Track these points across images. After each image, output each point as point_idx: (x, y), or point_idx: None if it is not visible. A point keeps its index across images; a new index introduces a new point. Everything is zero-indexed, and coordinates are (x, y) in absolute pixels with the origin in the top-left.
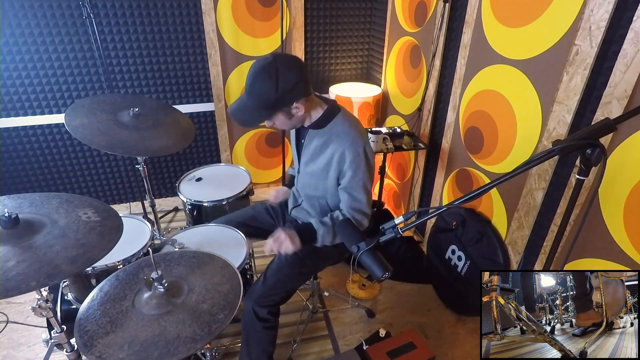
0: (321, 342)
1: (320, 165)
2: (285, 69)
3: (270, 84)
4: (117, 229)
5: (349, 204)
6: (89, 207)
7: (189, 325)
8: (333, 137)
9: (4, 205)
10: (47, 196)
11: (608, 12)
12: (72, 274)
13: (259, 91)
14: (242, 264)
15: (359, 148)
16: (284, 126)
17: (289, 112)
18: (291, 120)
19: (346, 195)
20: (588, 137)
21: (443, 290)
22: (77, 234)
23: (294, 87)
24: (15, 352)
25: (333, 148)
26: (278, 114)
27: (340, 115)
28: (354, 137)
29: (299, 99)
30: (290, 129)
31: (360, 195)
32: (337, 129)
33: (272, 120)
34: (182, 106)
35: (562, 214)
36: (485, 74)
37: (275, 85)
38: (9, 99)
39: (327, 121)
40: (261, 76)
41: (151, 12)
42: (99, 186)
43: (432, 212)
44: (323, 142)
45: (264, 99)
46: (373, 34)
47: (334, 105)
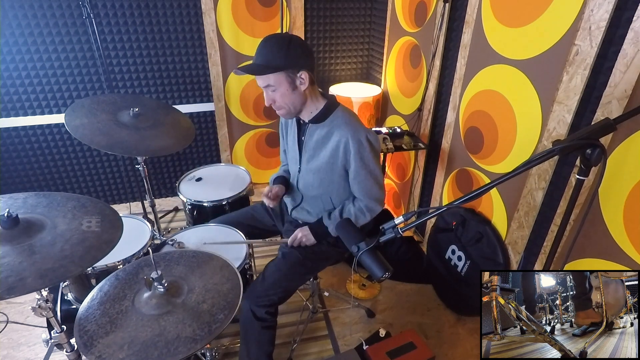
0: (321, 342)
1: (325, 158)
2: (297, 40)
3: (281, 45)
4: (109, 244)
5: (362, 192)
6: (98, 214)
7: (189, 325)
8: (335, 127)
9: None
10: (68, 197)
11: (608, 12)
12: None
13: (269, 48)
14: (242, 264)
15: (361, 136)
16: (284, 100)
17: (293, 80)
18: (294, 93)
19: (357, 185)
20: (588, 137)
21: (443, 290)
22: (65, 244)
23: (302, 56)
24: (15, 352)
25: (337, 137)
26: (283, 77)
27: (339, 108)
28: (356, 126)
29: (305, 69)
30: (288, 112)
31: (371, 183)
32: (338, 120)
33: (275, 84)
34: (182, 106)
35: (562, 214)
36: (485, 74)
37: (287, 47)
38: (9, 99)
39: (327, 115)
40: (274, 39)
41: (151, 12)
42: (99, 186)
43: (432, 212)
44: (325, 133)
45: (272, 57)
46: (373, 34)
47: (333, 100)
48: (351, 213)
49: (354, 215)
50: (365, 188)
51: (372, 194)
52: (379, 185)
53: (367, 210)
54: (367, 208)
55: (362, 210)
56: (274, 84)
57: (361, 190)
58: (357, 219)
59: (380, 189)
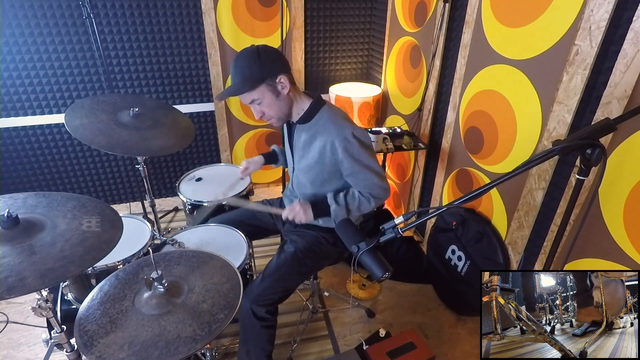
0: (321, 342)
1: (314, 157)
2: (264, 48)
3: (252, 58)
4: (109, 243)
5: (361, 185)
6: (98, 215)
7: (189, 325)
8: (319, 129)
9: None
10: (68, 197)
11: (608, 12)
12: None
13: (242, 65)
14: (242, 264)
15: (347, 134)
16: (272, 110)
17: (275, 88)
18: (278, 100)
19: (355, 180)
20: (588, 137)
21: (443, 290)
22: (65, 244)
23: (275, 61)
24: (15, 352)
25: (321, 140)
26: (264, 88)
27: (325, 107)
28: (340, 124)
29: (282, 72)
30: (279, 119)
31: (369, 175)
32: (322, 121)
33: (259, 97)
34: (182, 106)
35: (562, 214)
36: (485, 74)
37: (257, 58)
38: (9, 99)
39: (312, 114)
40: (243, 56)
41: (151, 12)
42: (99, 186)
43: (432, 212)
44: (310, 136)
45: (249, 72)
46: (373, 34)
47: (318, 99)
48: (355, 196)
49: (358, 200)
50: (365, 181)
51: (372, 184)
52: (378, 175)
53: (372, 197)
54: (371, 195)
55: (368, 197)
56: (258, 97)
57: (360, 183)
58: (360, 205)
59: (381, 178)
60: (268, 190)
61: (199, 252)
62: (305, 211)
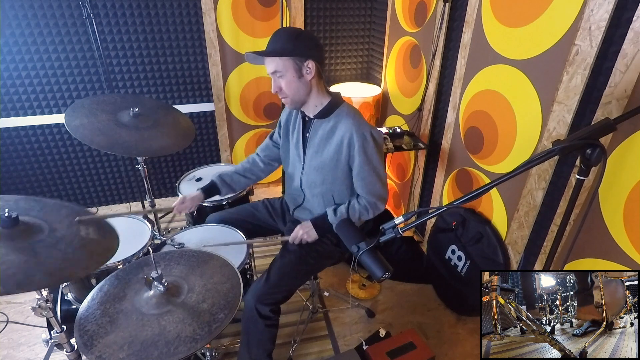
0: (321, 342)
1: (330, 153)
2: (306, 32)
3: (290, 34)
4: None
5: (365, 189)
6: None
7: (189, 324)
8: (340, 122)
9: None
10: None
11: (608, 12)
12: None
13: (279, 38)
14: (242, 264)
15: (365, 131)
16: (290, 89)
17: (300, 68)
18: (299, 82)
19: (361, 182)
20: (588, 137)
21: (443, 290)
22: (68, 247)
23: (310, 46)
24: (15, 352)
25: (341, 131)
26: (290, 63)
27: (344, 104)
28: (360, 121)
29: (313, 59)
30: (293, 102)
31: (375, 179)
32: (342, 116)
33: (282, 70)
34: (182, 106)
35: (562, 214)
36: (485, 74)
37: (295, 37)
38: (9, 99)
39: (332, 110)
40: (284, 30)
41: (151, 12)
42: (99, 186)
43: (432, 212)
44: (330, 128)
45: (282, 44)
46: (373, 34)
47: (338, 97)
48: (355, 209)
49: (358, 212)
50: (369, 185)
51: (374, 191)
52: (382, 183)
53: (370, 207)
54: (370, 205)
55: (366, 207)
56: (281, 69)
57: (364, 187)
58: (360, 216)
59: (383, 186)
60: (268, 190)
61: (198, 252)
62: (308, 233)
